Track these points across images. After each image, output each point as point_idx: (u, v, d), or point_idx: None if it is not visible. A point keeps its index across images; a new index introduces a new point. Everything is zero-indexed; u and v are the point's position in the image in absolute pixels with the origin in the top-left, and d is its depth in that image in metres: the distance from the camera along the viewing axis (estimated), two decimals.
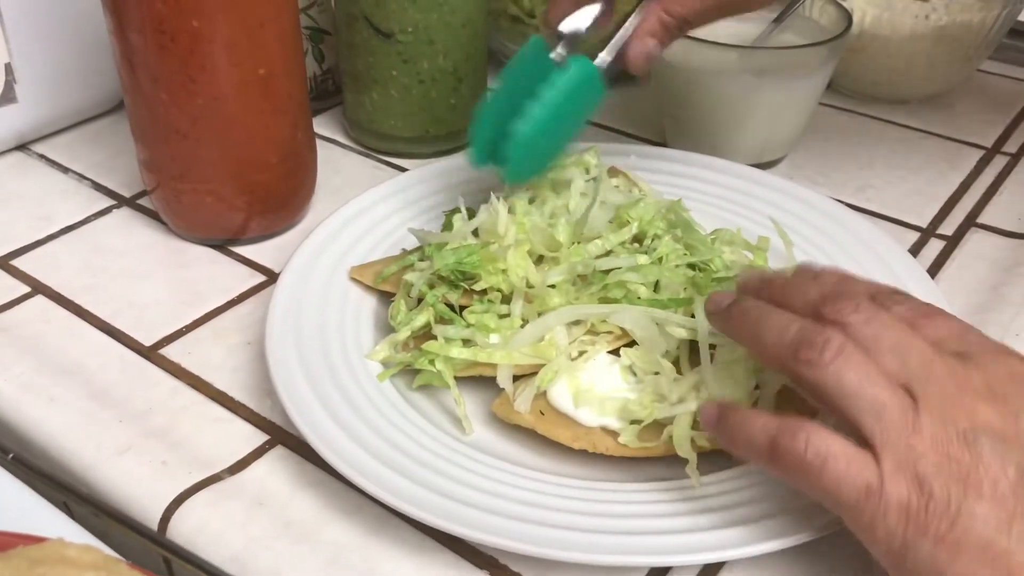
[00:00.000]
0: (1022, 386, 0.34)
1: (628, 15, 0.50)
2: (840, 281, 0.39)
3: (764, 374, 0.43)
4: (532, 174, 0.51)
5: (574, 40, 0.50)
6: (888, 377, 0.34)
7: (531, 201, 0.51)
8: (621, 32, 0.50)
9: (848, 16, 0.63)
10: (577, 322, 0.45)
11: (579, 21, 0.50)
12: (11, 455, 0.43)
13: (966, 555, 0.31)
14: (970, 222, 0.61)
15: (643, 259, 0.47)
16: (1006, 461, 0.32)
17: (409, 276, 0.49)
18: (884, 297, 0.37)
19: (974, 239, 0.60)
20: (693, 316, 0.44)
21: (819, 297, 0.37)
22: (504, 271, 0.47)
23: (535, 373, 0.44)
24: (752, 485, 0.41)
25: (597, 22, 0.51)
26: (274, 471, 0.44)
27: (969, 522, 0.31)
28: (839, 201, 0.58)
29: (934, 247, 0.59)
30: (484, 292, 0.48)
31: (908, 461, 0.32)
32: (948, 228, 0.61)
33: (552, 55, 0.50)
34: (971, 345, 0.35)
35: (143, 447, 0.45)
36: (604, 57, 0.50)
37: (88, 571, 0.26)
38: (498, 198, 0.52)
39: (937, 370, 0.34)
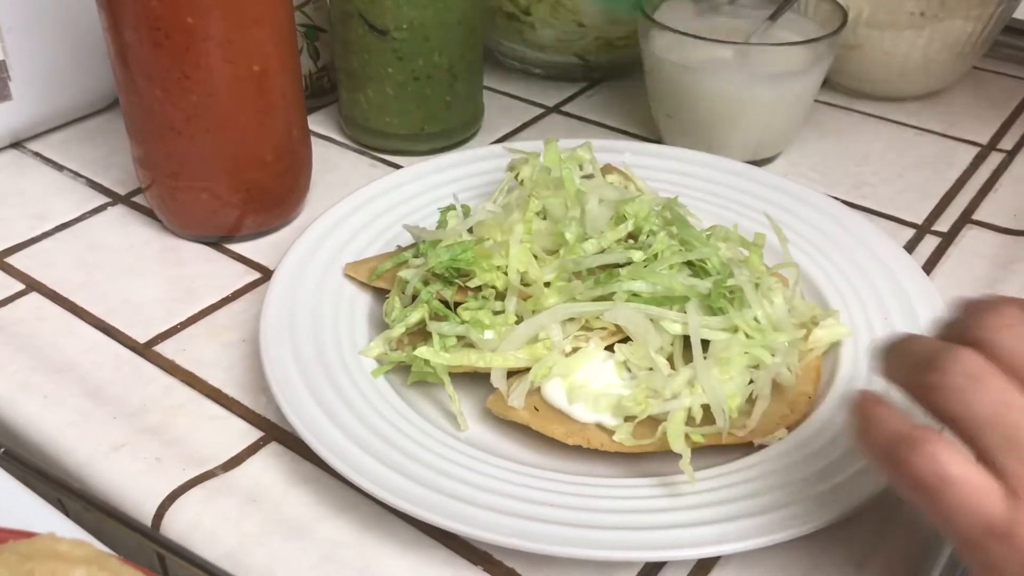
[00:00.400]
0: None
1: None
2: (1001, 301, 0.33)
3: (759, 370, 0.43)
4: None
5: None
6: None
7: (539, 213, 0.51)
8: None
9: (843, 13, 0.63)
10: (571, 319, 0.45)
11: None
12: (3, 450, 0.43)
13: None
14: (965, 219, 0.61)
15: (638, 255, 0.47)
16: None
17: (404, 273, 0.49)
18: None
19: (969, 236, 0.60)
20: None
21: (967, 309, 0.33)
22: (499, 268, 0.47)
23: (529, 369, 0.44)
24: (746, 481, 0.41)
25: None
26: (268, 468, 0.44)
27: None
28: (835, 198, 0.58)
29: (929, 243, 0.59)
30: (479, 289, 0.48)
31: None
32: (943, 225, 0.61)
33: None
34: None
35: (137, 444, 0.45)
36: None
37: (79, 565, 0.26)
38: (499, 197, 0.53)
39: None
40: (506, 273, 0.47)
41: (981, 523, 0.29)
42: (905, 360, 0.32)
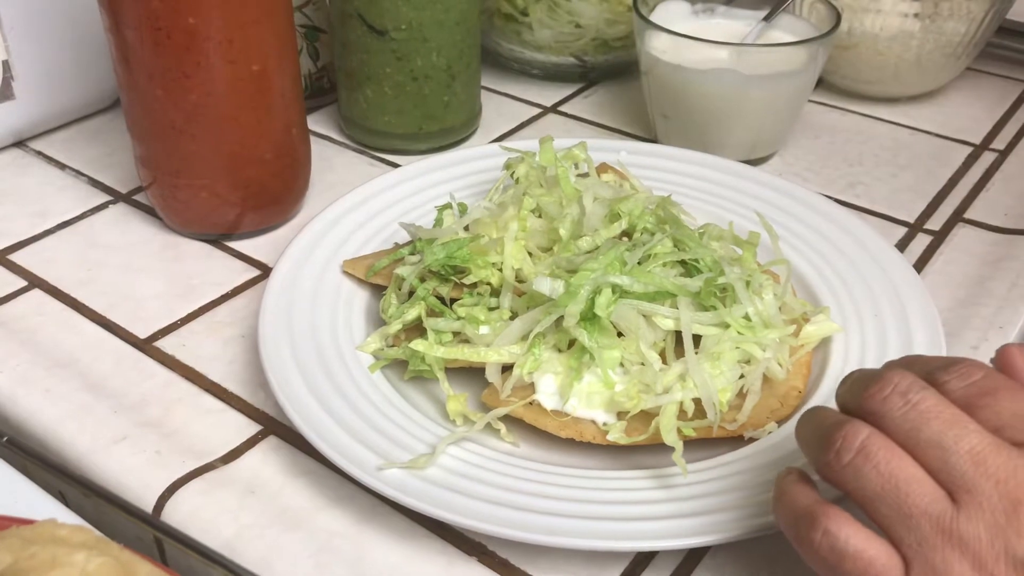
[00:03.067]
0: None
1: None
2: (905, 363, 0.34)
3: (749, 365, 0.44)
4: None
5: None
6: (921, 478, 0.30)
7: (534, 211, 0.52)
8: None
9: (837, 14, 0.64)
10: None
11: None
12: (5, 438, 0.44)
13: None
14: (957, 217, 0.62)
15: (633, 255, 0.48)
16: None
17: (400, 270, 0.50)
18: (944, 372, 0.32)
19: (961, 234, 0.60)
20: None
21: (860, 380, 0.33)
22: (494, 264, 0.48)
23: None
24: (736, 473, 0.41)
25: None
26: (266, 460, 0.45)
27: None
28: (828, 197, 0.59)
29: (921, 242, 0.60)
30: (474, 285, 0.48)
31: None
32: (935, 223, 0.61)
33: None
34: None
35: (137, 437, 0.45)
36: None
37: (80, 550, 0.27)
38: (495, 195, 0.53)
39: (991, 468, 0.29)
40: (501, 270, 0.48)
41: None
42: (806, 436, 0.33)
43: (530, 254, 0.49)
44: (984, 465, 0.29)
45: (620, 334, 0.45)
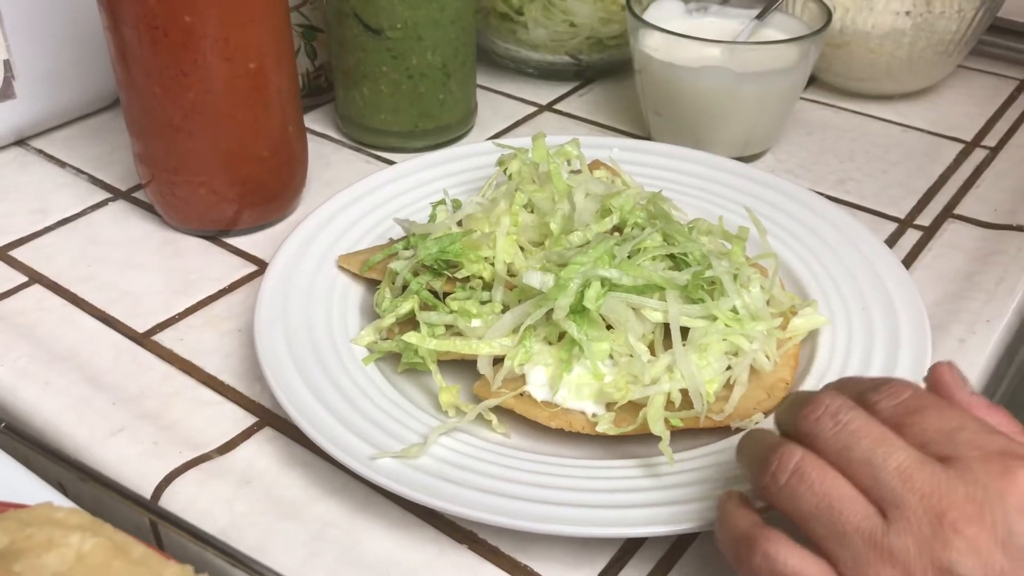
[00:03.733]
0: (1016, 494, 0.29)
1: None
2: (838, 385, 0.35)
3: (736, 357, 0.45)
4: None
5: None
6: (853, 497, 0.31)
7: (526, 206, 0.52)
8: None
9: (828, 12, 0.64)
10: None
11: None
12: (3, 424, 0.45)
13: None
14: (947, 213, 0.62)
15: (624, 249, 0.48)
16: None
17: (394, 264, 0.50)
18: (874, 393, 0.33)
19: (950, 230, 0.61)
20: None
21: (794, 402, 0.34)
22: (486, 259, 0.49)
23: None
24: (724, 462, 0.42)
25: None
26: (262, 451, 0.45)
27: None
28: (819, 193, 0.60)
29: (911, 237, 0.60)
30: (466, 279, 0.49)
31: None
32: (926, 219, 0.62)
33: None
34: (962, 446, 0.31)
35: (135, 429, 0.46)
36: None
37: (75, 531, 0.27)
38: (488, 191, 0.54)
39: (917, 484, 0.30)
40: (493, 264, 0.48)
41: None
42: (745, 457, 0.35)
43: (522, 248, 0.50)
44: (911, 481, 0.30)
45: (609, 327, 0.46)
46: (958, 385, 0.35)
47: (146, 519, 0.42)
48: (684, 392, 0.43)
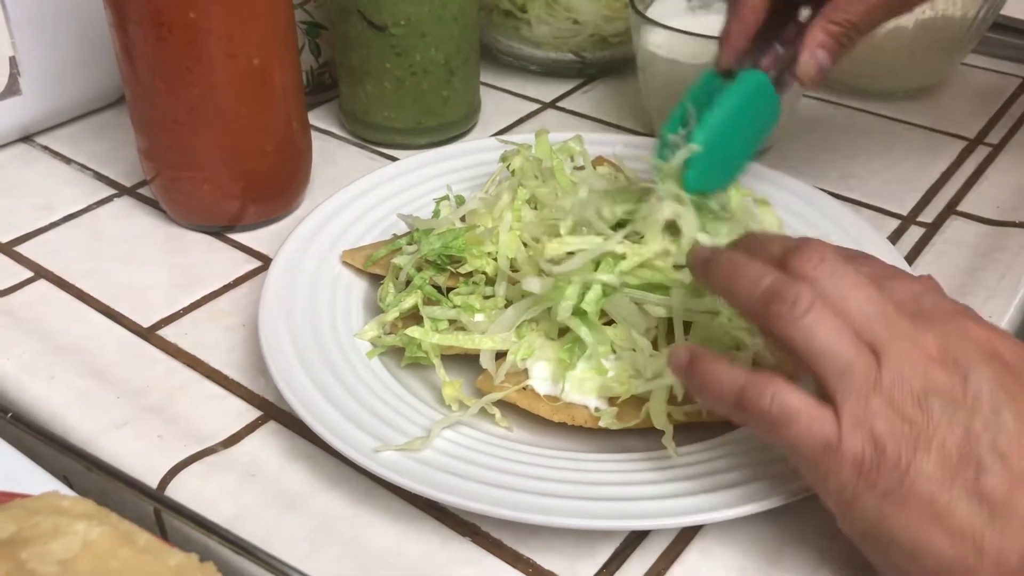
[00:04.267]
0: (971, 350, 0.35)
1: (794, 33, 0.51)
2: (811, 239, 0.40)
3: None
4: (715, 185, 0.50)
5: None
6: (854, 336, 0.35)
7: (529, 202, 0.52)
8: (787, 51, 0.51)
9: None
10: None
11: (751, 61, 0.51)
12: (9, 414, 0.45)
13: (911, 507, 0.33)
14: (950, 210, 0.63)
15: (620, 248, 0.48)
16: (954, 422, 0.33)
17: (398, 260, 0.51)
18: (852, 254, 0.39)
19: (953, 226, 0.61)
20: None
21: (784, 250, 0.38)
22: (489, 254, 0.49)
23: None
24: (726, 455, 0.42)
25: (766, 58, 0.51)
26: (266, 445, 0.45)
27: (916, 479, 0.33)
28: (822, 189, 0.60)
29: (914, 234, 0.60)
30: (470, 275, 0.49)
31: (866, 419, 0.34)
32: (928, 216, 0.62)
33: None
34: (928, 308, 0.37)
35: (140, 422, 0.46)
36: (772, 74, 0.50)
37: (81, 519, 0.28)
38: (491, 187, 0.54)
39: (898, 330, 0.35)
40: (495, 259, 0.49)
41: (819, 443, 0.34)
42: (747, 288, 0.37)
43: (525, 244, 0.50)
44: (896, 328, 0.35)
45: (612, 321, 0.46)
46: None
47: (150, 510, 0.42)
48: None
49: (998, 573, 0.32)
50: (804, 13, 0.52)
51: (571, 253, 0.47)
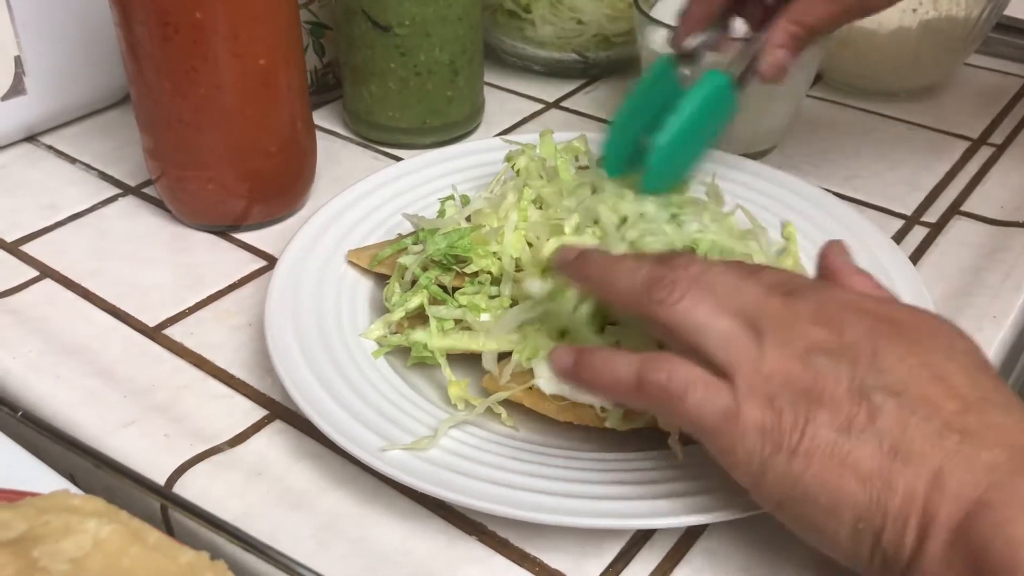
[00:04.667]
0: (842, 310, 0.37)
1: (755, 31, 0.52)
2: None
3: None
4: (670, 183, 0.52)
5: (701, 58, 0.53)
6: (732, 312, 0.36)
7: (534, 201, 0.53)
8: (749, 46, 0.52)
9: None
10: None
11: (706, 40, 0.52)
12: (20, 413, 0.45)
13: (817, 461, 0.34)
14: (954, 210, 0.63)
15: (621, 247, 0.48)
16: (839, 373, 0.34)
17: (403, 259, 0.51)
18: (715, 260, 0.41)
19: (957, 226, 0.61)
20: None
21: (654, 258, 0.40)
22: (494, 254, 0.49)
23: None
24: None
25: (723, 41, 0.53)
26: (272, 444, 0.46)
27: (815, 430, 0.34)
28: (826, 190, 0.60)
29: (918, 234, 0.60)
30: (475, 274, 0.49)
31: (758, 384, 0.35)
32: (932, 216, 0.62)
33: (679, 73, 0.52)
34: (797, 286, 0.38)
35: (146, 421, 0.47)
36: (734, 72, 0.52)
37: (91, 517, 0.28)
38: (495, 187, 0.54)
39: (772, 305, 0.37)
40: (500, 259, 0.49)
41: (719, 412, 0.35)
42: (619, 276, 0.39)
43: (530, 244, 0.50)
44: (767, 303, 0.37)
45: (615, 323, 0.46)
46: (836, 252, 0.43)
47: (157, 508, 0.43)
48: None
49: (911, 505, 0.32)
50: None
51: None
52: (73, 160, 0.68)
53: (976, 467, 0.32)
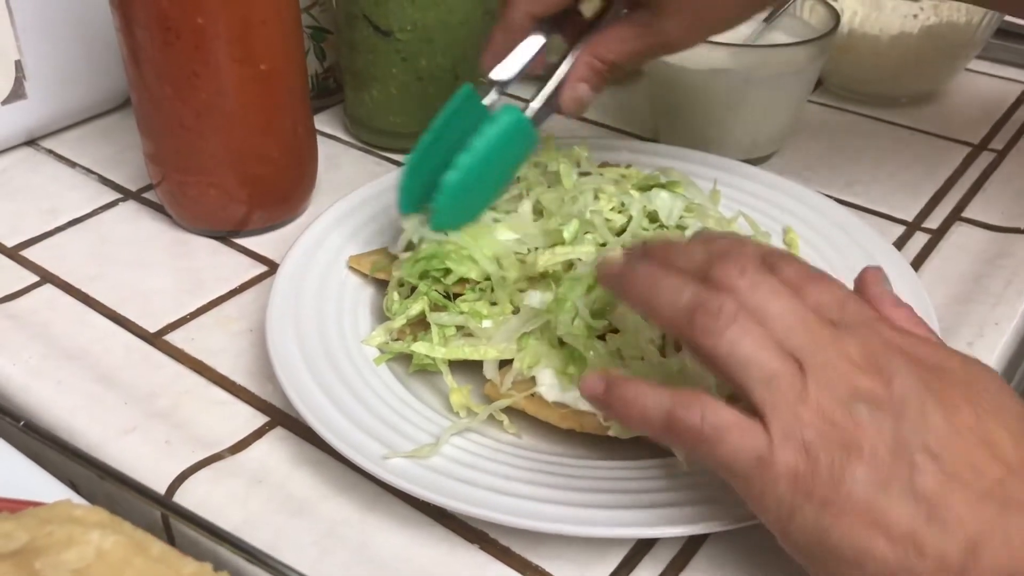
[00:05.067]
0: (891, 354, 0.35)
1: (559, 62, 0.51)
2: (729, 244, 0.39)
3: None
4: (461, 223, 0.49)
5: (507, 85, 0.51)
6: (778, 346, 0.34)
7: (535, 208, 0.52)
8: (553, 78, 0.51)
9: (836, 15, 0.65)
10: None
11: (512, 67, 0.50)
12: (22, 423, 0.45)
13: (848, 517, 0.32)
14: (955, 216, 0.63)
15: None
16: (882, 426, 0.33)
17: (398, 272, 0.50)
18: (772, 259, 0.38)
19: (958, 232, 0.61)
20: None
21: (706, 259, 0.38)
22: (471, 259, 0.49)
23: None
24: None
25: (530, 67, 0.51)
26: (273, 451, 0.45)
27: (851, 486, 0.32)
28: (827, 195, 0.60)
29: (919, 240, 0.60)
30: (475, 281, 0.49)
31: (795, 429, 0.33)
32: (933, 222, 0.62)
33: (485, 101, 0.50)
34: (849, 314, 0.36)
35: (147, 428, 0.46)
36: (534, 105, 0.50)
37: (95, 528, 0.28)
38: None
39: (821, 339, 0.35)
40: (477, 262, 0.48)
41: (752, 458, 0.34)
42: (669, 303, 0.37)
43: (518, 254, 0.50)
44: (816, 335, 0.35)
45: (617, 330, 0.46)
46: (875, 281, 0.40)
47: (158, 517, 0.42)
48: None
49: (940, 572, 0.31)
50: (587, 6, 0.51)
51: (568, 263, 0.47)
52: (73, 164, 0.67)
53: (1015, 539, 0.31)
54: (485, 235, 0.49)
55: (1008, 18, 0.74)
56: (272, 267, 0.58)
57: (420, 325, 0.49)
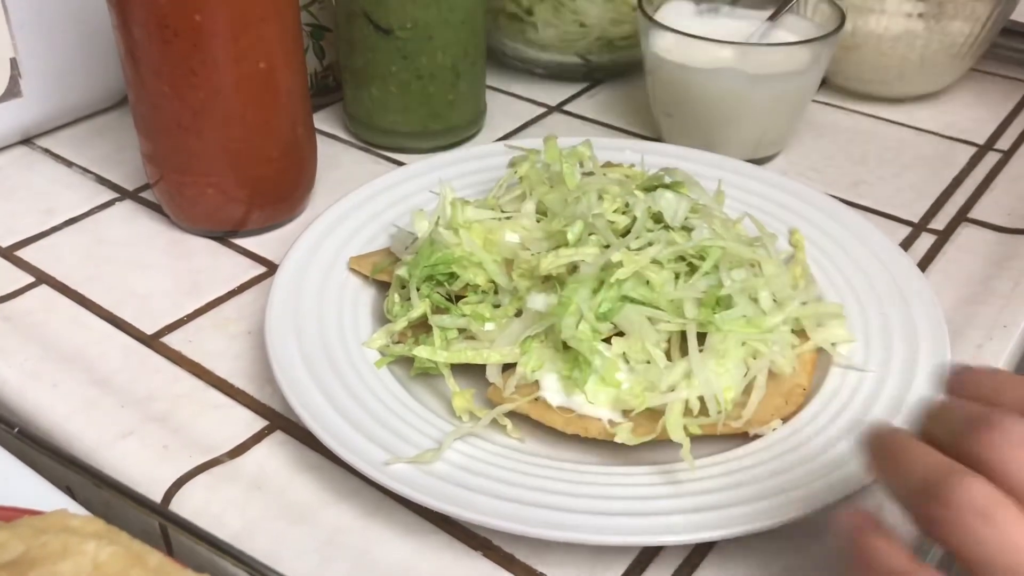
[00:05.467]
0: None
1: None
2: (997, 388, 0.31)
3: (754, 358, 0.44)
4: None
5: None
6: None
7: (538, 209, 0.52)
8: None
9: (841, 14, 0.64)
10: None
11: None
12: (17, 429, 0.44)
13: None
14: (961, 217, 0.62)
15: (617, 256, 0.47)
16: None
17: (400, 271, 0.50)
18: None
19: (965, 233, 0.60)
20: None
21: (965, 420, 0.30)
22: (477, 264, 0.48)
23: None
24: (741, 469, 0.41)
25: None
26: (273, 455, 0.45)
27: None
28: (832, 196, 0.59)
29: (925, 241, 0.60)
30: (478, 284, 0.48)
31: None
32: (939, 223, 0.61)
33: None
34: None
35: (145, 432, 0.46)
36: None
37: (91, 539, 0.27)
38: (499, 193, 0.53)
39: None
40: (482, 267, 0.48)
41: None
42: (903, 478, 0.30)
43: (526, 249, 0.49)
44: None
45: (621, 333, 0.45)
46: None
47: (155, 524, 0.42)
48: (701, 399, 0.43)
49: None
50: None
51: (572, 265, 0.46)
52: (70, 164, 0.67)
53: None
54: (494, 239, 0.48)
55: (1014, 17, 0.73)
56: (271, 268, 0.57)
57: (422, 327, 0.48)
